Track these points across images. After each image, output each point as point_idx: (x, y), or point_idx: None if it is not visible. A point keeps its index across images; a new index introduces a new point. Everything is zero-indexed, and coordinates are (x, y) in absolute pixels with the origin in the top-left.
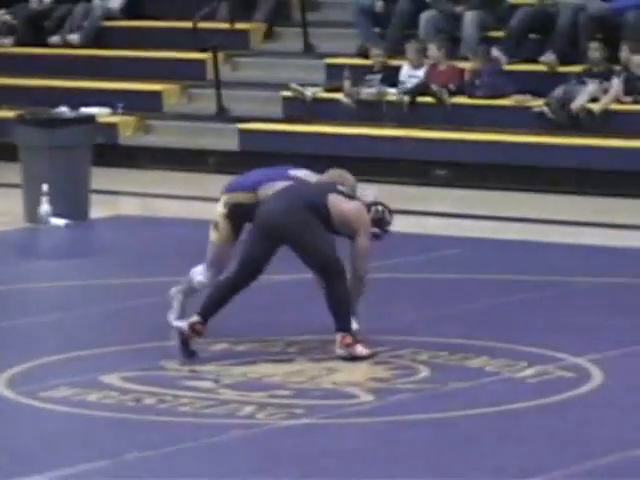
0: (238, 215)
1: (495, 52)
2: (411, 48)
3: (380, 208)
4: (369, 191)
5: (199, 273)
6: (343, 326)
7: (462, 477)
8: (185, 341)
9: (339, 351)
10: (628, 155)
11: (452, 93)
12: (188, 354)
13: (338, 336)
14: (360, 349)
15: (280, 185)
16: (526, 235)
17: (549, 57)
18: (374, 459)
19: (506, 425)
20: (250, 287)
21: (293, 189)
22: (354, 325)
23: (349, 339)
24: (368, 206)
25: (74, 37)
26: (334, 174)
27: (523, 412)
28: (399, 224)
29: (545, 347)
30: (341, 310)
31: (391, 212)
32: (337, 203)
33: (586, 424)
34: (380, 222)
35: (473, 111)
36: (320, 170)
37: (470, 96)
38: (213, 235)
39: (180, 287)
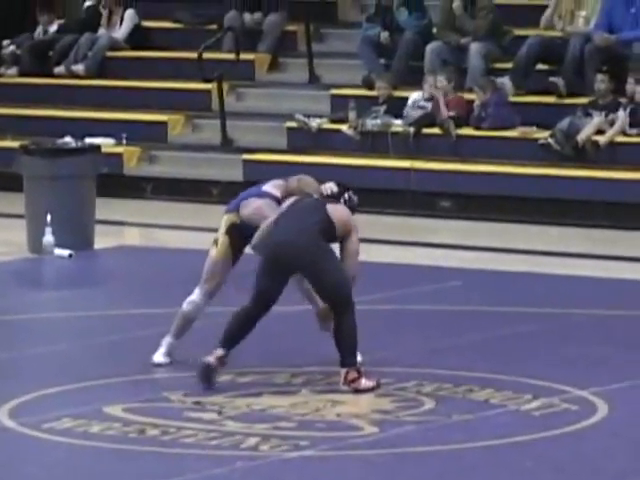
0: (234, 234)
1: (505, 81)
2: (429, 80)
3: (350, 195)
4: (327, 184)
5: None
6: (348, 361)
7: None
8: (211, 373)
9: (344, 387)
10: (633, 187)
11: (458, 124)
12: (210, 385)
13: (343, 371)
14: (364, 382)
15: (258, 203)
16: (531, 267)
17: (559, 81)
18: None
19: (512, 457)
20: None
21: (294, 213)
22: (358, 357)
23: (353, 374)
24: (338, 197)
25: (79, 67)
26: (302, 181)
27: (529, 444)
28: (404, 255)
29: (550, 380)
30: (347, 345)
31: (355, 193)
32: (333, 211)
33: (592, 456)
34: (354, 208)
35: (479, 142)
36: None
37: (476, 127)
38: (212, 251)
39: (169, 335)
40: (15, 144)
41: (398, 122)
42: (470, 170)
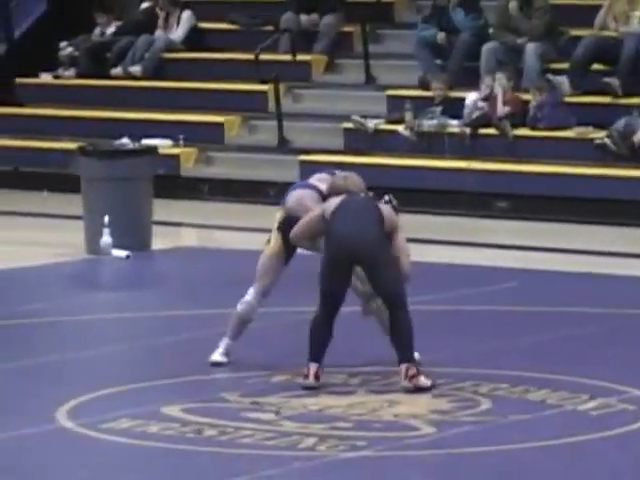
0: (285, 228)
1: (563, 80)
2: (486, 80)
3: (390, 197)
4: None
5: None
6: (407, 357)
7: None
8: (310, 388)
9: (404, 383)
10: None
11: (514, 125)
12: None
13: (403, 367)
14: (423, 380)
15: (300, 193)
16: (586, 267)
17: (614, 82)
18: None
19: (569, 458)
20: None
21: (351, 208)
22: (416, 355)
23: (413, 370)
24: (378, 198)
25: (136, 69)
26: (349, 179)
27: (585, 445)
28: (459, 256)
29: (607, 380)
30: (405, 340)
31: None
32: (383, 210)
33: None
34: (395, 209)
35: (535, 143)
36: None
37: (532, 128)
38: (265, 248)
39: (226, 337)
40: (73, 145)
41: (454, 122)
42: (526, 170)
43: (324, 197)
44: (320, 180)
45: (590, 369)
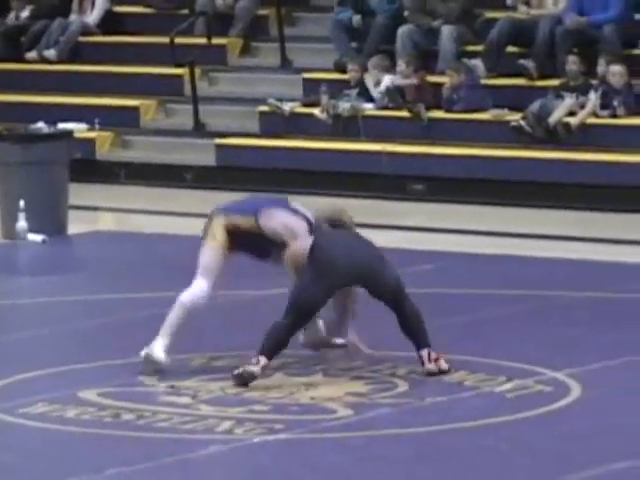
0: (235, 236)
1: (477, 63)
2: (373, 63)
3: None
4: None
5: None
6: (426, 342)
7: None
8: (253, 381)
9: (430, 366)
10: (605, 169)
11: (429, 107)
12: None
13: (424, 352)
14: (444, 363)
15: (284, 216)
16: (503, 249)
17: (529, 64)
18: (353, 474)
19: (485, 439)
20: (229, 303)
21: (343, 232)
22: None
23: (435, 354)
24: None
25: (51, 52)
26: (334, 210)
27: (502, 426)
28: (375, 239)
29: (524, 361)
30: (421, 326)
31: None
32: None
33: (565, 438)
34: None
35: (451, 125)
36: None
37: (447, 110)
38: (209, 242)
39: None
40: None
41: (369, 106)
42: (442, 153)
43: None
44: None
45: (507, 351)
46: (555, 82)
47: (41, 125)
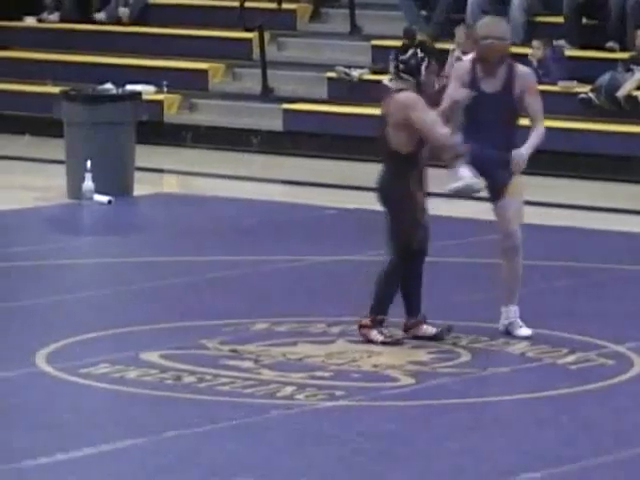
0: None
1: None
2: (460, 32)
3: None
4: None
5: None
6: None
7: (498, 461)
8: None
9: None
10: None
11: None
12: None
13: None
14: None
15: None
16: (569, 221)
17: (612, 45)
18: (412, 442)
19: (544, 411)
20: (292, 268)
21: None
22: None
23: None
24: None
25: (124, 11)
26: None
27: (562, 399)
28: (446, 209)
29: (587, 334)
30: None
31: None
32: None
33: (625, 412)
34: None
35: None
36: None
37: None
38: None
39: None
40: (56, 90)
41: None
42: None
43: None
44: None
45: (570, 323)
46: (625, 55)
47: (109, 86)
